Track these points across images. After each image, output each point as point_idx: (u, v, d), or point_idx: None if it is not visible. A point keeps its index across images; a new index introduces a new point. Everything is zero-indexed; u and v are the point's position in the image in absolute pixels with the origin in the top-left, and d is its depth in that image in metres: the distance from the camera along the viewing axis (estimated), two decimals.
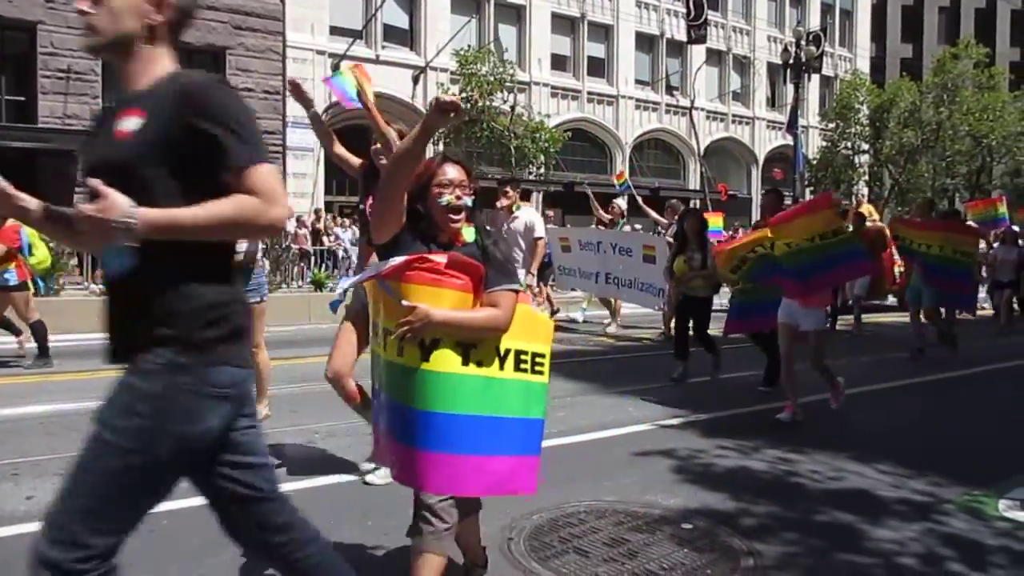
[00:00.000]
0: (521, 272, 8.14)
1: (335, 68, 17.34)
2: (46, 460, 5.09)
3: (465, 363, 2.74)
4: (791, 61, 27.44)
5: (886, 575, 3.68)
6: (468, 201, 2.83)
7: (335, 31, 25.83)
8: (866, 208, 17.84)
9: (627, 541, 3.91)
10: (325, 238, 20.75)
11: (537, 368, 2.90)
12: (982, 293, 14.36)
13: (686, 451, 5.61)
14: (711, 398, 7.60)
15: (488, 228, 2.96)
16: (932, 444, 6.19)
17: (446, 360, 2.71)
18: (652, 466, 5.25)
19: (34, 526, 3.92)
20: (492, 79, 23.86)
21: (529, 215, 8.30)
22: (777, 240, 6.63)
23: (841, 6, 42.52)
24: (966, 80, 35.75)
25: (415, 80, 27.43)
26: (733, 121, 37.89)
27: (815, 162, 36.54)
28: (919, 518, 4.38)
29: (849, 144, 36.83)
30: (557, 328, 13.40)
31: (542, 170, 25.65)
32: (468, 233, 2.89)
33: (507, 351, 2.82)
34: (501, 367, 2.81)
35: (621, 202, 13.73)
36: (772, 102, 39.62)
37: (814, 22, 38.43)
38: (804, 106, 33.96)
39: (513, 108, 24.72)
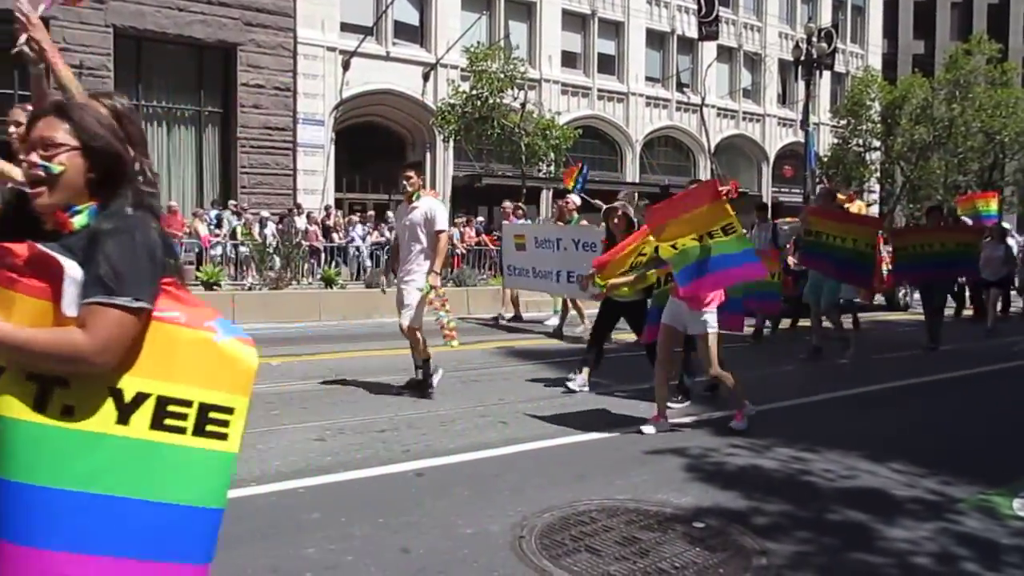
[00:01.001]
0: (419, 277, 7.16)
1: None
2: None
3: (40, 408, 1.76)
4: (802, 58, 27.27)
5: (900, 575, 3.66)
6: (54, 168, 1.87)
7: (346, 28, 25.83)
8: (857, 206, 17.68)
9: (639, 540, 3.90)
10: (335, 235, 20.75)
11: (211, 428, 1.89)
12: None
13: (698, 449, 5.60)
14: (722, 397, 7.57)
15: (126, 210, 1.91)
16: (944, 443, 6.17)
17: (9, 402, 1.76)
18: (664, 464, 5.24)
19: None
20: (502, 76, 23.82)
21: (429, 204, 7.34)
22: (661, 244, 6.04)
23: (853, 2, 42.30)
24: (979, 76, 35.49)
25: (425, 77, 27.42)
26: (744, 118, 37.75)
27: (826, 159, 36.37)
28: (932, 517, 4.36)
29: (860, 141, 36.63)
30: (519, 330, 12.86)
31: (552, 168, 25.57)
32: (82, 217, 1.91)
33: (139, 397, 1.83)
34: (121, 420, 1.81)
35: (575, 197, 13.02)
36: (783, 99, 39.44)
37: (826, 18, 38.22)
38: (815, 103, 33.78)
39: (523, 105, 24.66)
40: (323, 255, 18.94)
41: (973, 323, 13.92)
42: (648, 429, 6.00)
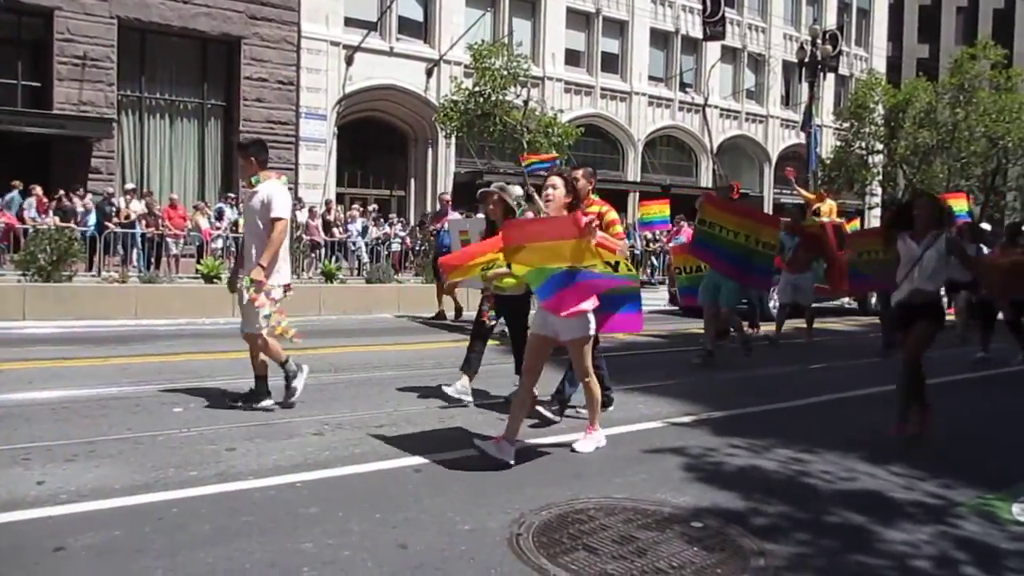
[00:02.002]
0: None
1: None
2: (58, 446, 5.10)
3: None
4: (807, 59, 27.26)
5: None
6: None
7: (350, 22, 25.81)
8: (827, 206, 17.39)
9: (636, 539, 3.88)
10: (336, 229, 20.75)
11: None
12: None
13: (697, 449, 5.58)
14: (721, 396, 7.56)
15: None
16: (944, 446, 6.15)
17: None
18: (662, 463, 5.22)
19: (45, 511, 3.96)
20: (505, 73, 23.80)
21: (268, 189, 6.35)
22: (513, 263, 5.29)
23: (858, 5, 42.26)
24: (983, 81, 35.44)
25: (428, 73, 27.40)
26: (746, 119, 37.71)
27: (829, 161, 36.33)
28: (932, 521, 4.34)
29: (863, 144, 36.60)
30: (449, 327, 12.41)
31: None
32: None
33: None
34: None
35: (516, 188, 12.62)
36: (786, 100, 39.41)
37: (831, 20, 38.18)
38: (819, 105, 33.73)
39: (526, 103, 24.64)
40: (323, 249, 18.94)
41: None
42: (490, 449, 5.05)
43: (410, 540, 3.76)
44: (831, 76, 34.92)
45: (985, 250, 12.62)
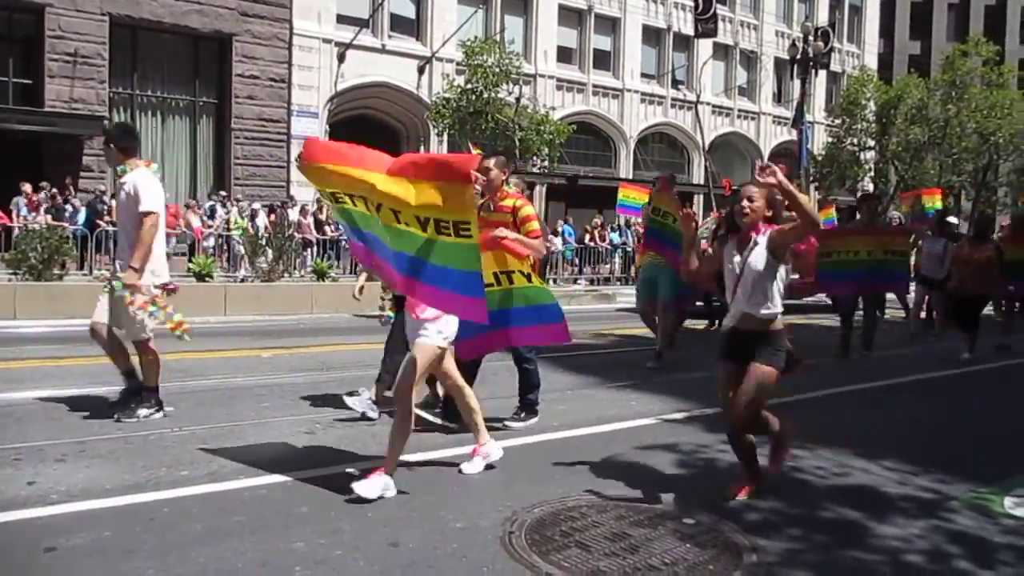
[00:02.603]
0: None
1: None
2: (48, 446, 5.07)
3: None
4: (798, 56, 27.28)
5: (892, 572, 3.65)
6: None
7: (342, 20, 25.75)
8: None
9: (629, 536, 3.87)
10: (328, 227, 20.70)
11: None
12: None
13: (689, 445, 5.58)
14: (712, 393, 7.54)
15: None
16: (936, 441, 6.16)
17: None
18: (655, 460, 5.22)
19: (35, 511, 3.94)
20: (498, 71, 23.77)
21: (135, 179, 5.69)
22: (383, 200, 4.14)
23: (850, 2, 42.33)
24: (975, 77, 35.55)
25: (420, 70, 27.34)
26: (739, 116, 37.76)
27: (820, 158, 36.41)
28: (925, 515, 4.35)
29: (855, 140, 36.69)
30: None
31: (546, 163, 25.54)
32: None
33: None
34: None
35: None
36: (778, 97, 39.47)
37: (823, 17, 38.24)
38: (810, 101, 33.78)
39: (518, 100, 24.62)
40: (315, 248, 18.90)
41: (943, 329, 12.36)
42: (468, 468, 4.80)
43: (402, 538, 3.75)
44: (823, 73, 34.95)
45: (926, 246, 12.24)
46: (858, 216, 11.13)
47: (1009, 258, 10.80)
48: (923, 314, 12.88)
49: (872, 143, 36.93)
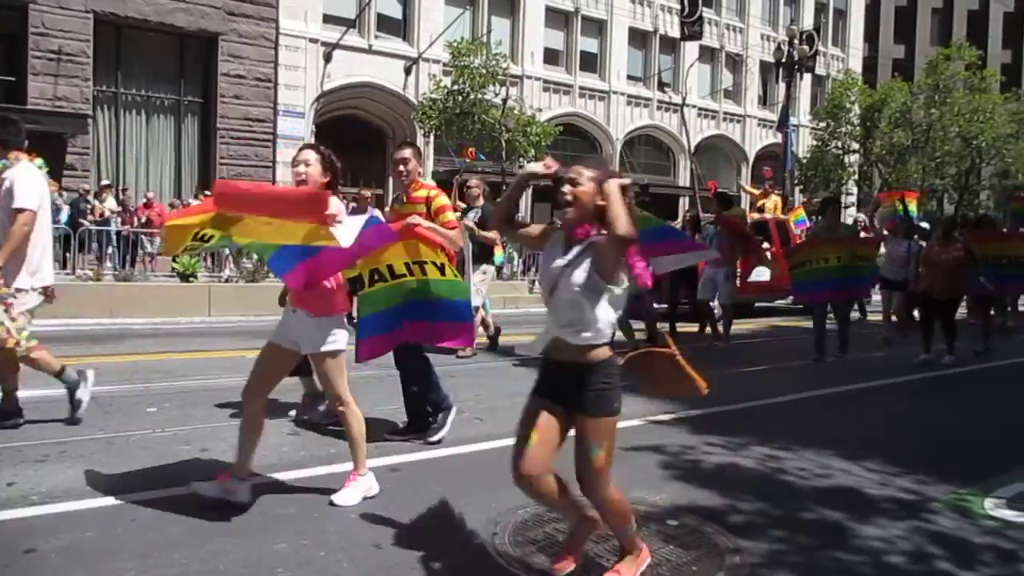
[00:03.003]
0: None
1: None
2: (29, 446, 5.03)
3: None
4: (784, 60, 27.43)
5: (874, 573, 3.67)
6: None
7: (328, 19, 25.68)
8: (772, 201, 16.76)
9: (613, 537, 3.87)
10: None
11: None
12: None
13: (673, 447, 5.59)
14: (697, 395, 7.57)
15: None
16: (917, 442, 6.20)
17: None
18: (639, 462, 5.23)
19: (16, 513, 3.90)
20: (484, 72, 23.77)
21: (15, 174, 5.31)
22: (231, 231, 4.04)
23: (835, 6, 42.57)
24: (957, 81, 35.87)
25: (407, 71, 27.32)
26: (724, 119, 37.90)
27: (805, 161, 36.62)
28: (906, 516, 4.38)
29: (839, 143, 36.93)
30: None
31: None
32: None
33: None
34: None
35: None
36: (764, 100, 39.65)
37: (808, 21, 38.44)
38: (795, 105, 33.96)
39: (505, 101, 24.64)
40: None
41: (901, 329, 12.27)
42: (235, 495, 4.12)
43: (385, 540, 3.74)
44: (808, 76, 35.16)
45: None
46: (819, 219, 11.28)
47: (981, 255, 10.71)
48: (893, 317, 12.63)
49: (856, 146, 37.20)
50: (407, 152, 5.67)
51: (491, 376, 8.22)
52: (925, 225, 14.10)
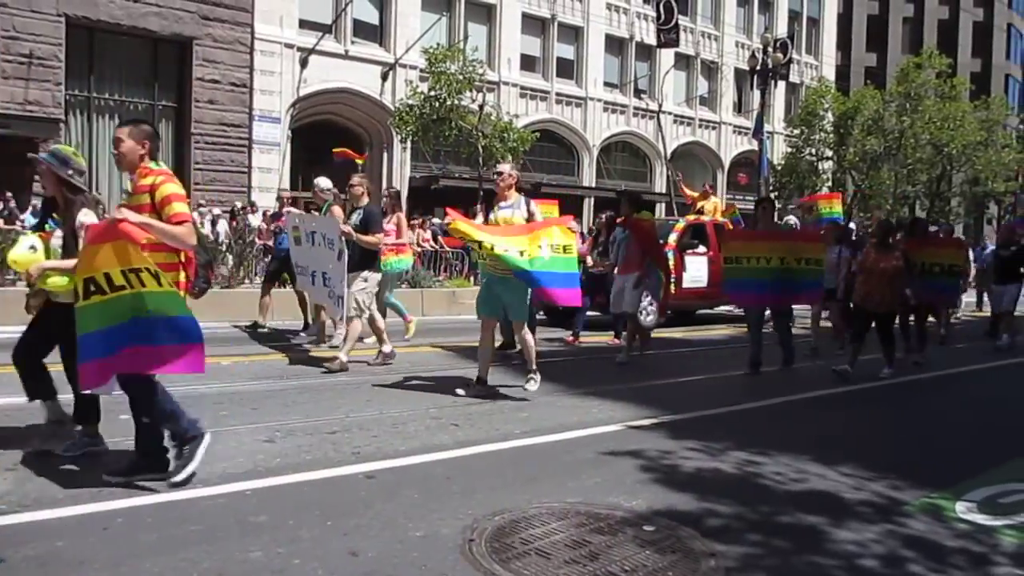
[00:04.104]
0: None
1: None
2: None
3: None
4: (758, 67, 27.68)
5: None
6: None
7: (304, 24, 25.62)
8: (711, 204, 15.96)
9: (589, 543, 3.88)
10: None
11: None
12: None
13: (651, 452, 5.60)
14: (676, 400, 7.61)
15: None
16: (891, 447, 6.26)
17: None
18: (616, 467, 5.23)
19: None
20: (461, 78, 23.79)
21: None
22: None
23: (808, 14, 43.06)
24: (928, 90, 36.36)
25: (384, 77, 27.29)
26: (700, 125, 38.17)
27: (780, 167, 36.94)
28: (880, 520, 4.41)
29: (813, 150, 37.30)
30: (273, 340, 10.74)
31: None
32: None
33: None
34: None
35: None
36: (739, 107, 39.97)
37: (781, 29, 38.82)
38: (770, 112, 34.28)
39: (481, 107, 24.65)
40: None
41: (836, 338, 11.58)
42: None
43: (361, 547, 3.72)
44: (782, 84, 35.53)
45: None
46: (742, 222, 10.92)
47: (919, 262, 10.17)
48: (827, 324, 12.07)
49: (830, 153, 37.59)
50: (123, 131, 4.66)
51: (468, 382, 8.20)
52: (852, 226, 13.77)
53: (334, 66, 26.25)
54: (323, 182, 9.82)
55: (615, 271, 10.29)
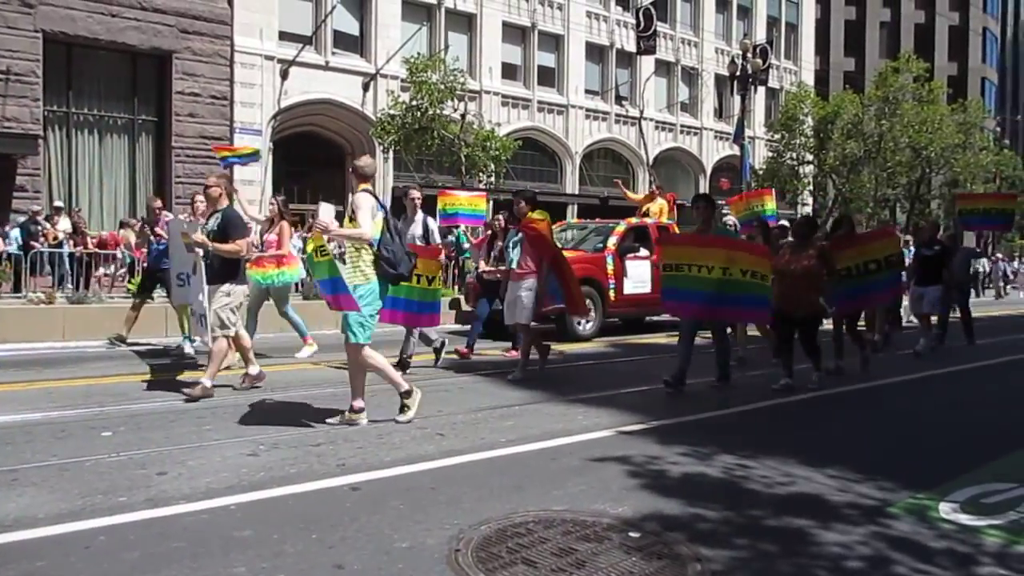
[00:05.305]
0: None
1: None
2: None
3: None
4: (738, 73, 27.87)
5: None
6: None
7: (284, 36, 25.56)
8: (657, 205, 14.98)
9: (575, 550, 3.87)
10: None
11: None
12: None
13: (637, 459, 5.60)
14: (661, 406, 7.62)
15: None
16: (877, 448, 6.28)
17: None
18: (602, 474, 5.23)
19: None
20: (442, 87, 23.81)
21: None
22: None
23: (787, 20, 43.39)
24: (906, 93, 36.71)
25: (365, 87, 27.26)
26: (681, 131, 38.34)
27: (761, 172, 37.16)
28: (866, 522, 4.42)
29: (794, 155, 37.55)
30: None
31: (492, 179, 25.60)
32: None
33: None
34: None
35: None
36: (719, 113, 40.19)
37: (760, 35, 39.09)
38: (750, 117, 34.51)
39: (463, 116, 24.67)
40: None
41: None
42: None
43: (347, 560, 3.69)
44: (762, 89, 35.79)
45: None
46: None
47: (844, 265, 9.30)
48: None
49: (811, 157, 37.85)
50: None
51: (454, 392, 8.19)
52: (785, 224, 12.72)
53: (315, 77, 26.21)
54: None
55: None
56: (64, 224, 17.91)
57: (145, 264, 12.52)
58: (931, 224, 13.79)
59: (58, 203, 19.77)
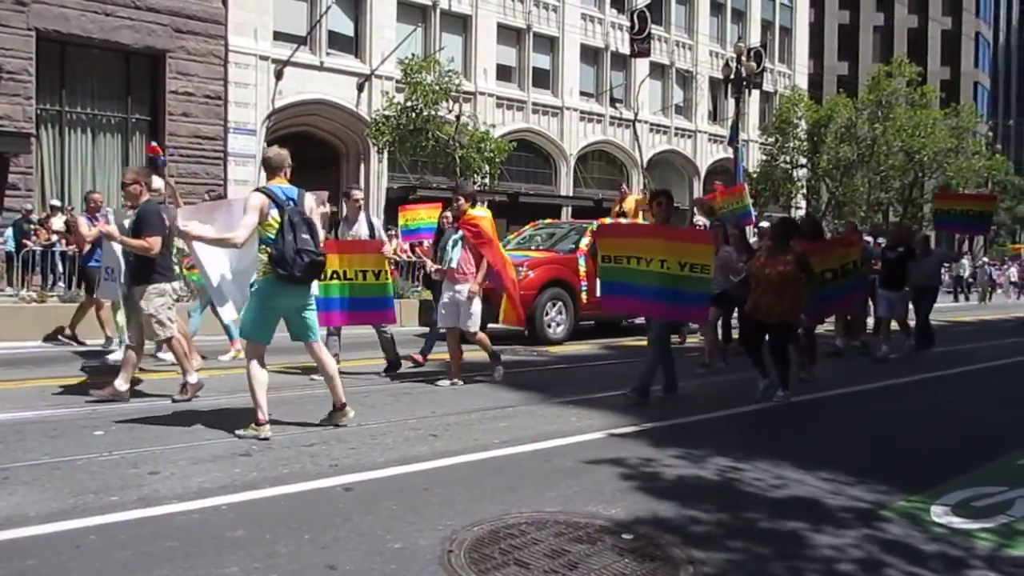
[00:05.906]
0: None
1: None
2: None
3: None
4: (732, 76, 27.90)
5: None
6: None
7: (279, 36, 25.52)
8: (628, 203, 14.46)
9: (568, 552, 3.87)
10: None
11: None
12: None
13: (630, 460, 5.60)
14: (655, 408, 7.61)
15: None
16: (869, 451, 6.30)
17: None
18: (595, 476, 5.23)
19: None
20: (437, 88, 23.80)
21: None
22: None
23: (781, 23, 43.51)
24: (899, 97, 36.85)
25: (360, 88, 27.23)
26: (676, 134, 38.40)
27: (755, 175, 37.22)
28: (858, 524, 4.43)
29: (788, 158, 37.64)
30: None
31: (487, 180, 25.60)
32: None
33: None
34: None
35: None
36: (714, 116, 40.27)
37: (754, 38, 39.20)
38: (744, 120, 34.52)
39: (458, 118, 24.67)
40: None
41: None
42: None
43: (339, 560, 3.69)
44: (756, 92, 35.81)
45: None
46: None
47: (818, 270, 8.65)
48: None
49: (804, 161, 37.95)
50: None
51: (447, 393, 8.18)
52: (764, 225, 12.27)
53: (309, 78, 26.17)
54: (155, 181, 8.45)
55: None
56: (60, 224, 17.86)
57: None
58: (900, 226, 13.26)
59: (54, 202, 19.71)
